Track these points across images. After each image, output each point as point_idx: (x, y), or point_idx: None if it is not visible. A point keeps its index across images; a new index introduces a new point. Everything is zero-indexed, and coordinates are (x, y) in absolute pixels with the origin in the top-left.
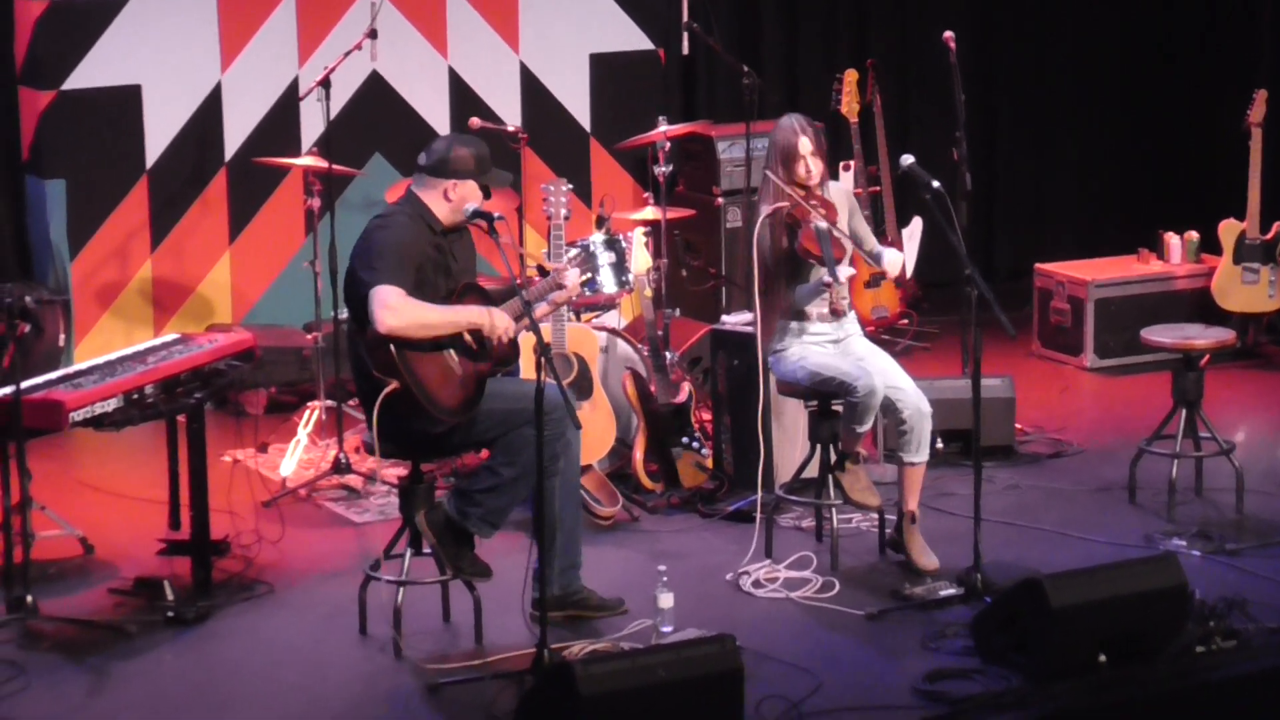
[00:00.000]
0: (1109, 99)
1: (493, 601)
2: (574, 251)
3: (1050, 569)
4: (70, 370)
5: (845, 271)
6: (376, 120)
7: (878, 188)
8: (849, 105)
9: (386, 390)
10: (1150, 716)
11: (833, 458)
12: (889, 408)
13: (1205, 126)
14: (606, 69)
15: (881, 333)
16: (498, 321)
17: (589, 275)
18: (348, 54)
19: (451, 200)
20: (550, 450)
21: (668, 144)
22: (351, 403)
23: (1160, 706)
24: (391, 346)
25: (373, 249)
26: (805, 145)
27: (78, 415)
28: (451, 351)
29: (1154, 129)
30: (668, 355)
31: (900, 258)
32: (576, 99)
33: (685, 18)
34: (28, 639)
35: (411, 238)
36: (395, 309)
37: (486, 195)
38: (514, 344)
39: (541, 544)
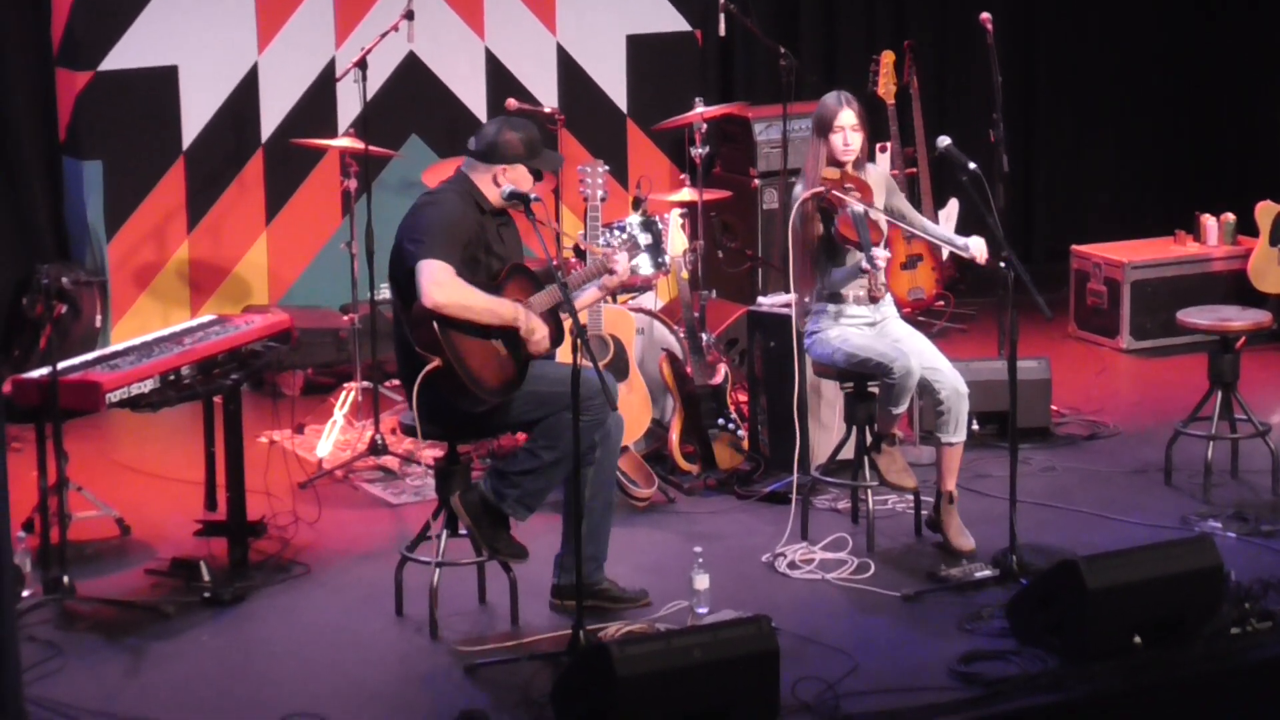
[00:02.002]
0: (1147, 81)
1: (529, 583)
2: (622, 235)
3: (1086, 550)
4: (107, 351)
5: (882, 256)
6: (413, 102)
7: (914, 169)
8: (885, 87)
9: (429, 367)
10: (1186, 698)
11: (869, 439)
12: (926, 389)
13: (1243, 108)
14: (643, 50)
15: (918, 314)
16: (534, 330)
17: (636, 261)
18: (384, 35)
19: (502, 186)
20: (589, 438)
21: (704, 125)
22: (388, 384)
23: (1195, 688)
24: (435, 323)
25: (421, 224)
26: (847, 117)
27: (114, 396)
28: (496, 337)
29: (1191, 111)
30: (704, 337)
31: (983, 242)
32: (613, 80)
33: None
34: (65, 620)
35: (460, 216)
36: (443, 284)
37: (538, 178)
38: (558, 327)
39: (576, 532)
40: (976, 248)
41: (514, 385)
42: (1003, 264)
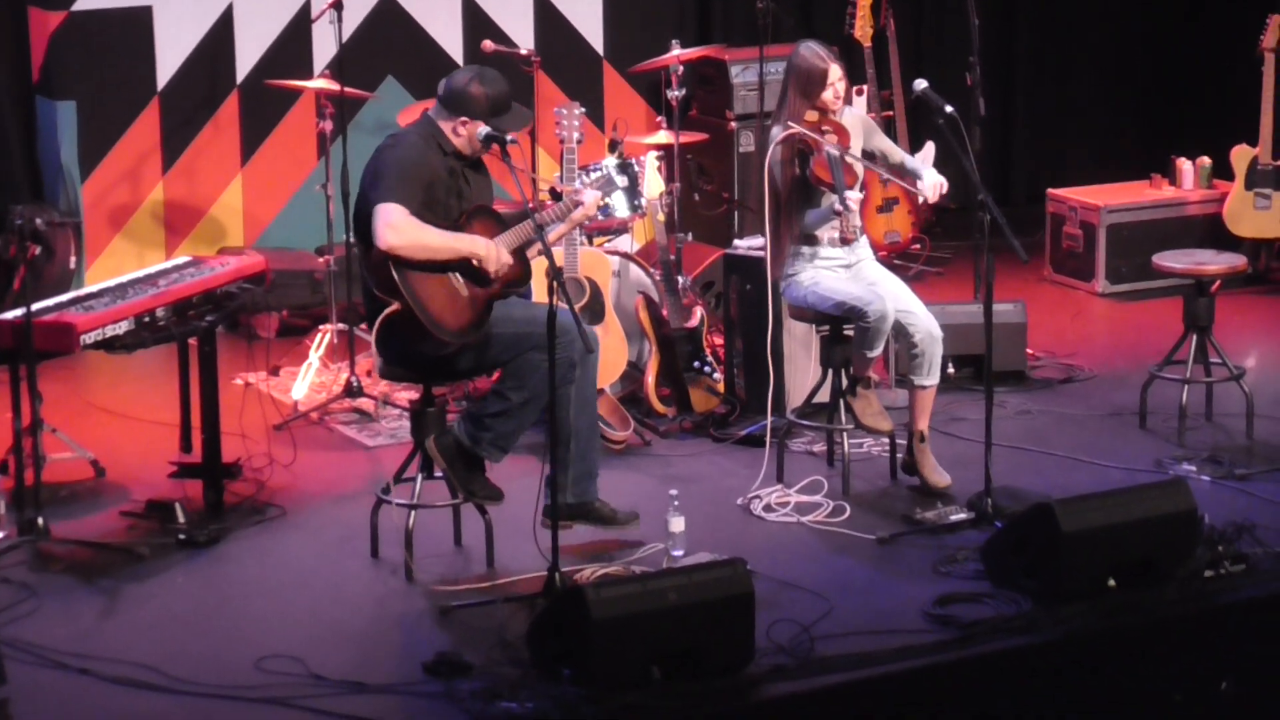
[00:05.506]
0: (1124, 24)
1: (504, 525)
2: (594, 174)
3: (1061, 494)
4: (81, 293)
5: (855, 197)
6: (389, 43)
7: (891, 113)
8: (862, 29)
9: (388, 311)
10: (1159, 640)
11: (844, 383)
12: (901, 332)
13: (1219, 52)
14: None
15: (894, 257)
16: (500, 257)
17: (606, 199)
18: None
19: (461, 136)
20: (561, 372)
21: (681, 68)
22: (363, 326)
23: (1169, 630)
24: (392, 266)
25: (381, 167)
26: (835, 72)
27: (89, 338)
28: (457, 274)
29: (1168, 54)
30: (680, 280)
31: (938, 181)
32: (590, 22)
33: None
34: (39, 561)
35: (420, 158)
36: (397, 226)
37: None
38: (525, 265)
39: (554, 453)
40: (926, 185)
41: (476, 328)
42: (980, 208)
